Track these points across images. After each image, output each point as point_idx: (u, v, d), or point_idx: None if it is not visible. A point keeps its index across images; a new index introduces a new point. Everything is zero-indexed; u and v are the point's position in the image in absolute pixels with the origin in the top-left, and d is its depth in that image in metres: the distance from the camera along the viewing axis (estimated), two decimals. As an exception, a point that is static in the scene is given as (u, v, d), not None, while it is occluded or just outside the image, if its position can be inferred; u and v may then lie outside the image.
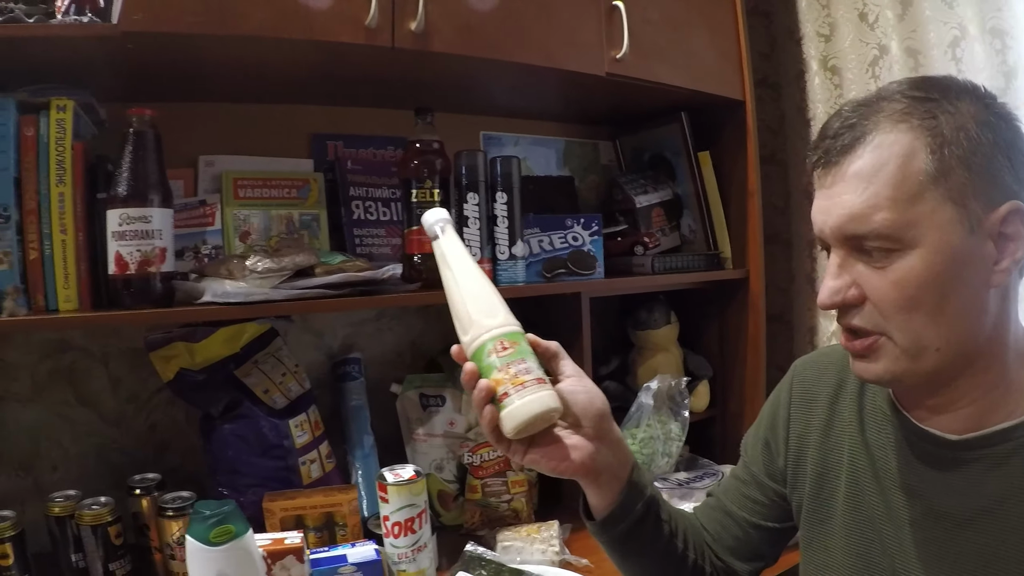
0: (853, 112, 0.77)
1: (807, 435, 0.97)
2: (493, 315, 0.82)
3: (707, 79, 1.68)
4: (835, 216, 0.75)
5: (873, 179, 0.72)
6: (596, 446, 0.85)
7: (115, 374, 1.47)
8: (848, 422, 0.93)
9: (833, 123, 0.78)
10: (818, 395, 0.98)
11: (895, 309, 0.74)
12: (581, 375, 0.87)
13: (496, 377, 0.79)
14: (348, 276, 1.30)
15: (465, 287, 0.85)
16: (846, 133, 0.75)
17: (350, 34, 1.24)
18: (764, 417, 1.06)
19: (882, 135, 0.73)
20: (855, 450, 0.90)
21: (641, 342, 1.81)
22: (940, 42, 1.61)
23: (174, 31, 1.14)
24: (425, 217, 0.90)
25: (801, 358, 1.05)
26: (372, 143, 1.66)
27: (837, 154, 0.75)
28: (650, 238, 1.76)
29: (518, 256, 1.48)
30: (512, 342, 0.81)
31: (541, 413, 0.78)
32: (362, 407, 1.57)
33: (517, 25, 1.40)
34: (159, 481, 1.35)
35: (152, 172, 1.22)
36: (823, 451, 0.94)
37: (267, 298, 1.23)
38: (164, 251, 1.22)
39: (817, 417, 0.96)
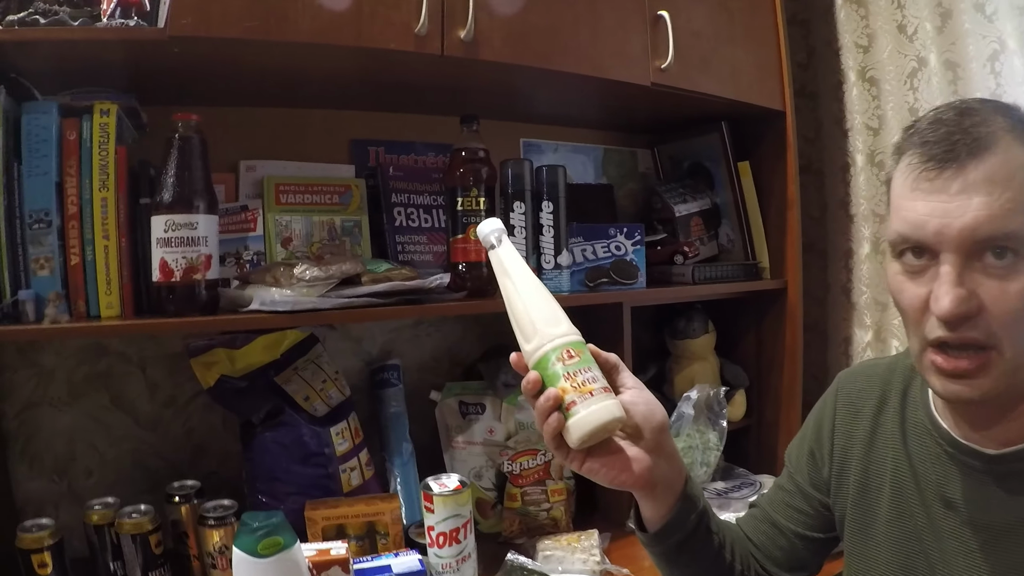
0: (960, 119, 0.73)
1: (851, 446, 0.96)
2: (557, 324, 0.80)
3: (748, 89, 1.63)
4: (969, 218, 0.69)
5: (1009, 184, 0.69)
6: (654, 458, 0.82)
7: (152, 379, 1.43)
8: (891, 434, 0.91)
9: (936, 128, 0.74)
10: (862, 407, 0.96)
11: (1013, 320, 0.70)
12: (641, 387, 0.84)
13: (563, 386, 0.76)
14: (396, 285, 1.25)
15: (527, 296, 0.82)
16: (965, 138, 0.71)
17: (400, 41, 1.20)
18: (809, 428, 1.03)
19: (1007, 147, 0.70)
20: (898, 462, 0.89)
21: (679, 351, 1.77)
22: (979, 55, 1.56)
23: (223, 36, 1.09)
24: (481, 228, 0.86)
25: (845, 371, 1.04)
26: (413, 149, 1.61)
27: (963, 157, 0.71)
28: (690, 247, 1.72)
29: (563, 265, 1.43)
30: (577, 351, 0.78)
31: (608, 422, 0.76)
32: (401, 414, 1.53)
33: (565, 34, 1.36)
34: (198, 489, 1.31)
35: (198, 178, 1.17)
36: (866, 462, 0.93)
37: (315, 307, 1.18)
38: (209, 258, 1.18)
39: (861, 429, 0.95)
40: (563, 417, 0.76)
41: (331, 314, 1.22)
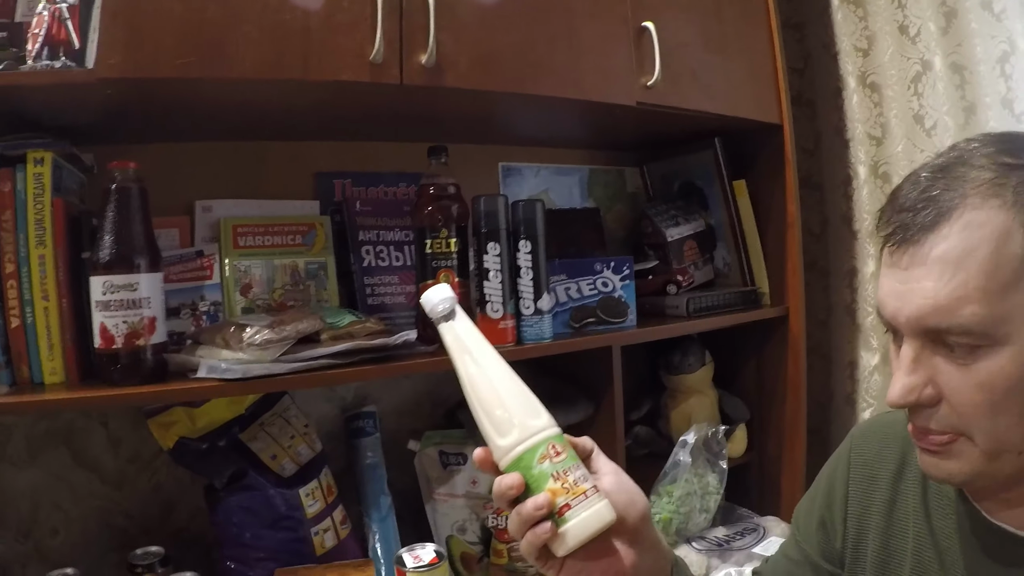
0: (933, 180, 0.64)
1: (867, 516, 0.83)
2: (538, 415, 0.69)
3: (742, 103, 1.47)
4: (914, 305, 0.62)
5: (961, 266, 0.60)
6: (637, 552, 0.71)
7: (115, 434, 1.30)
8: (913, 507, 0.79)
9: (909, 192, 0.65)
10: (879, 472, 0.83)
11: (977, 413, 0.62)
12: (618, 472, 0.72)
13: (553, 487, 0.65)
14: (357, 344, 1.11)
15: (499, 381, 0.70)
16: (927, 207, 0.62)
17: (353, 71, 1.06)
18: (819, 492, 0.89)
19: (971, 212, 0.60)
20: (920, 538, 0.77)
21: (674, 386, 1.61)
22: (988, 57, 1.41)
23: (157, 76, 0.96)
24: (427, 297, 0.73)
25: (858, 426, 0.91)
26: (383, 180, 1.46)
27: (917, 231, 0.62)
28: (683, 275, 1.56)
29: (544, 310, 1.27)
30: (563, 446, 0.67)
31: (604, 524, 0.65)
32: (377, 465, 1.39)
33: (539, 54, 1.20)
34: (163, 557, 1.18)
35: (137, 233, 1.04)
36: (886, 536, 0.80)
37: (268, 372, 1.04)
38: (153, 321, 1.04)
39: (878, 497, 0.82)
40: (555, 525, 0.65)
41: (287, 380, 1.07)
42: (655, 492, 1.38)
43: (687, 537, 1.40)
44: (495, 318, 1.22)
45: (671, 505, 1.37)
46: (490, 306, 1.22)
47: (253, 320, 1.09)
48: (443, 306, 0.72)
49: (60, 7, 1.00)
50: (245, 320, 1.10)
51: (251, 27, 0.99)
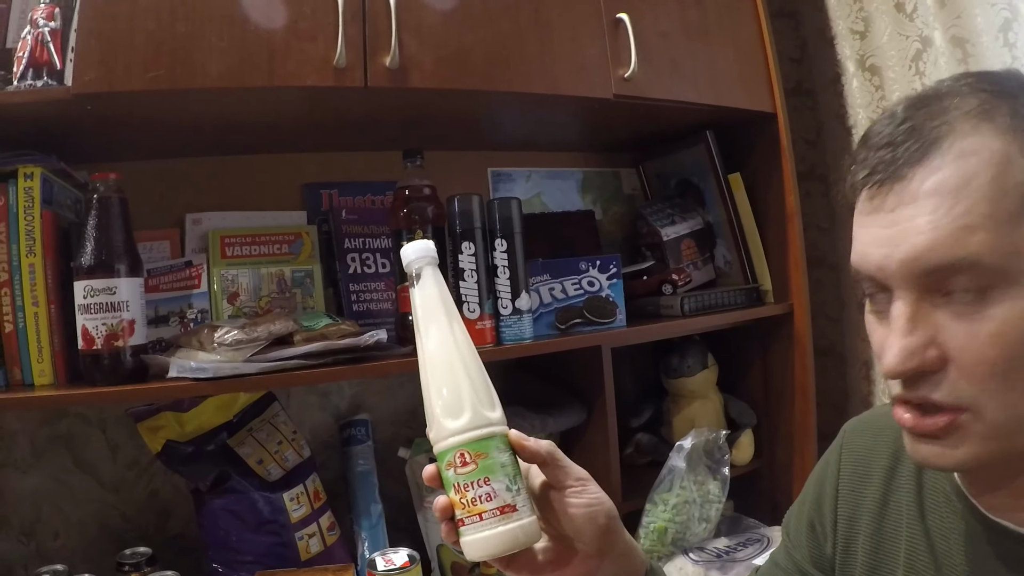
0: (912, 112, 0.56)
1: (858, 517, 0.74)
2: (457, 414, 0.62)
3: (732, 92, 1.41)
4: (908, 245, 0.53)
5: (962, 194, 0.51)
6: (595, 563, 0.67)
7: (113, 440, 1.34)
8: (906, 505, 0.70)
9: (883, 129, 0.57)
10: (871, 468, 0.74)
11: (990, 374, 0.51)
12: (583, 482, 0.66)
13: (452, 498, 0.62)
14: (327, 345, 1.10)
15: (431, 367, 0.64)
16: (910, 140, 0.54)
17: (317, 77, 1.07)
18: (809, 493, 0.82)
19: (963, 140, 0.52)
20: (914, 540, 0.68)
21: (675, 390, 1.54)
22: (989, 27, 1.31)
23: (128, 89, 0.99)
24: (404, 252, 0.67)
25: (852, 421, 0.82)
26: (369, 189, 1.46)
27: (902, 166, 0.54)
28: (679, 274, 1.49)
29: (523, 310, 1.23)
30: (477, 454, 0.61)
31: (502, 550, 0.61)
32: (369, 472, 1.36)
33: (508, 51, 1.19)
34: (149, 557, 1.19)
35: (118, 240, 1.07)
36: (877, 539, 0.72)
37: (237, 372, 1.04)
38: (132, 323, 1.07)
39: (870, 496, 0.73)
40: (455, 530, 0.63)
41: (259, 379, 1.07)
42: (650, 500, 1.31)
43: (684, 548, 1.31)
44: (472, 319, 1.20)
45: (666, 513, 1.29)
46: (467, 306, 1.20)
47: (228, 323, 1.09)
48: (416, 266, 0.66)
49: (43, 31, 1.06)
50: (220, 323, 1.11)
51: (217, 39, 1.02)
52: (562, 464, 0.66)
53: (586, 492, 0.66)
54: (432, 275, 0.67)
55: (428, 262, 0.67)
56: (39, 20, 1.05)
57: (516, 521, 0.60)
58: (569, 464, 0.67)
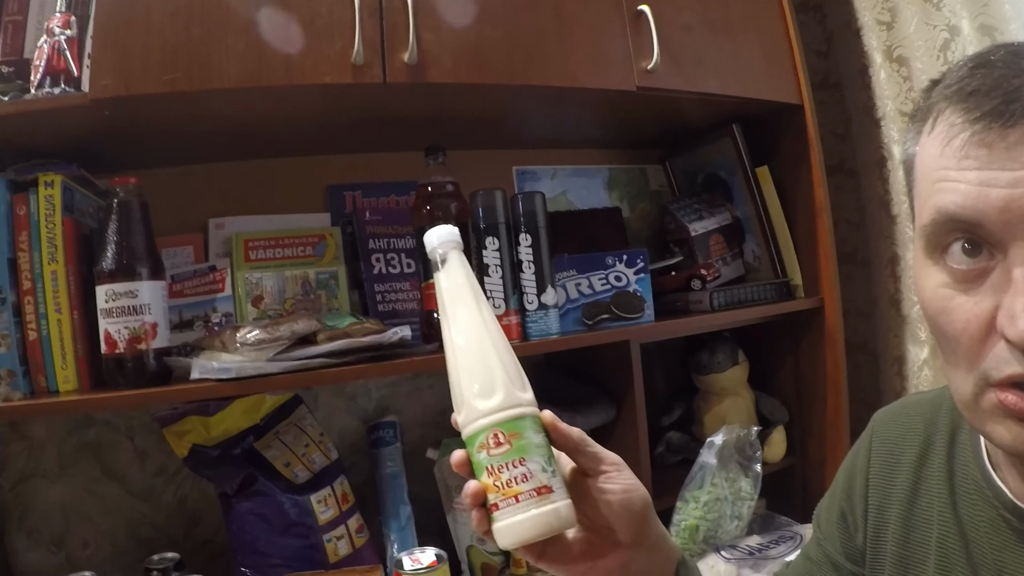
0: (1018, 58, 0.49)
1: (888, 507, 0.71)
2: (489, 394, 0.59)
3: (757, 84, 1.37)
4: None
5: None
6: (629, 555, 0.63)
7: (141, 447, 1.32)
8: (937, 493, 0.66)
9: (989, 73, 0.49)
10: (902, 457, 0.71)
11: None
12: (617, 467, 0.63)
13: (485, 481, 0.58)
14: (351, 343, 1.07)
15: (459, 350, 0.61)
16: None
17: (336, 74, 1.04)
18: (839, 484, 0.78)
19: None
20: (945, 528, 0.64)
21: (706, 387, 1.49)
22: (1018, 14, 1.26)
23: (145, 92, 0.98)
24: (427, 237, 0.65)
25: (882, 410, 0.77)
26: (393, 189, 1.43)
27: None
28: (708, 269, 1.44)
29: (549, 305, 1.20)
30: (511, 434, 0.58)
31: (539, 534, 0.57)
32: (398, 474, 1.33)
33: (528, 44, 1.16)
34: (177, 561, 1.17)
35: (138, 244, 1.05)
36: (907, 527, 0.68)
37: (260, 372, 1.01)
38: (155, 326, 1.05)
39: (900, 485, 0.70)
40: (487, 517, 0.58)
41: (280, 379, 1.04)
42: (681, 498, 1.27)
43: (716, 545, 1.26)
44: (497, 314, 1.15)
45: (698, 511, 1.24)
46: (492, 302, 1.16)
47: (251, 324, 1.07)
48: (439, 250, 0.64)
49: (59, 39, 1.05)
50: (242, 324, 1.08)
51: (234, 40, 1.01)
52: (594, 450, 0.63)
53: (621, 477, 0.62)
54: (458, 259, 0.64)
55: (453, 246, 0.64)
56: (55, 29, 1.04)
57: (553, 503, 0.57)
58: (601, 449, 0.63)
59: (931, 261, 0.52)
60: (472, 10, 1.12)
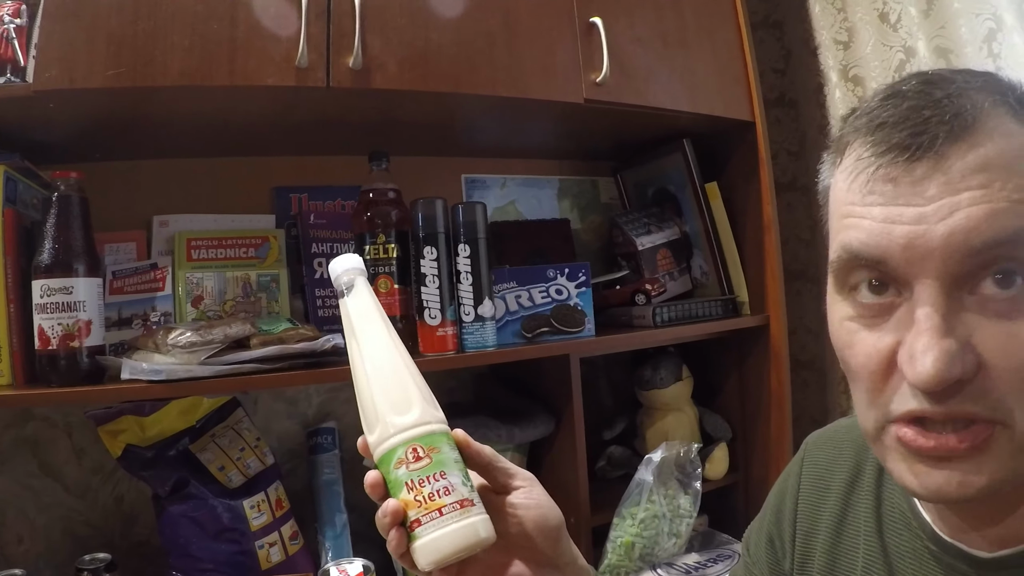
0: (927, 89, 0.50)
1: (816, 533, 0.72)
2: (405, 410, 0.60)
3: (709, 100, 1.39)
4: (954, 221, 0.46)
5: (1012, 170, 0.46)
6: (542, 572, 0.64)
7: (79, 444, 1.32)
8: (864, 521, 0.67)
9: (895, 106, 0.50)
10: (831, 483, 0.72)
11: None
12: (530, 483, 0.65)
13: (405, 498, 0.58)
14: (283, 349, 1.08)
15: (373, 368, 0.63)
16: (939, 113, 0.48)
17: (279, 76, 1.06)
18: (769, 507, 0.80)
19: (995, 119, 0.47)
20: (871, 557, 0.65)
21: (649, 402, 1.51)
22: (974, 37, 1.30)
23: (89, 86, 0.98)
24: (332, 266, 0.67)
25: (814, 434, 0.78)
26: (339, 194, 1.44)
27: (938, 141, 0.47)
28: (653, 284, 1.46)
29: (486, 317, 1.21)
30: (430, 448, 0.59)
31: (464, 548, 0.57)
32: (334, 481, 1.34)
33: (476, 53, 1.18)
34: (109, 562, 1.16)
35: (76, 240, 1.06)
36: (834, 554, 0.69)
37: (191, 375, 1.02)
38: (89, 324, 1.06)
39: (828, 512, 0.71)
40: (407, 538, 0.58)
41: (213, 383, 1.05)
42: (618, 514, 1.28)
43: (653, 563, 1.28)
44: (433, 325, 1.18)
45: (634, 528, 1.26)
46: (427, 312, 1.18)
47: (184, 325, 1.08)
48: (345, 277, 0.66)
49: (8, 27, 1.06)
50: (175, 325, 1.10)
51: (179, 37, 1.02)
52: (505, 465, 0.64)
53: (534, 493, 0.64)
54: (364, 285, 0.66)
55: (359, 273, 0.66)
56: (4, 17, 1.05)
57: (476, 516, 0.58)
58: (512, 466, 0.65)
59: (840, 296, 0.53)
60: (420, 16, 1.14)
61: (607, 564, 1.27)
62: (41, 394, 1.03)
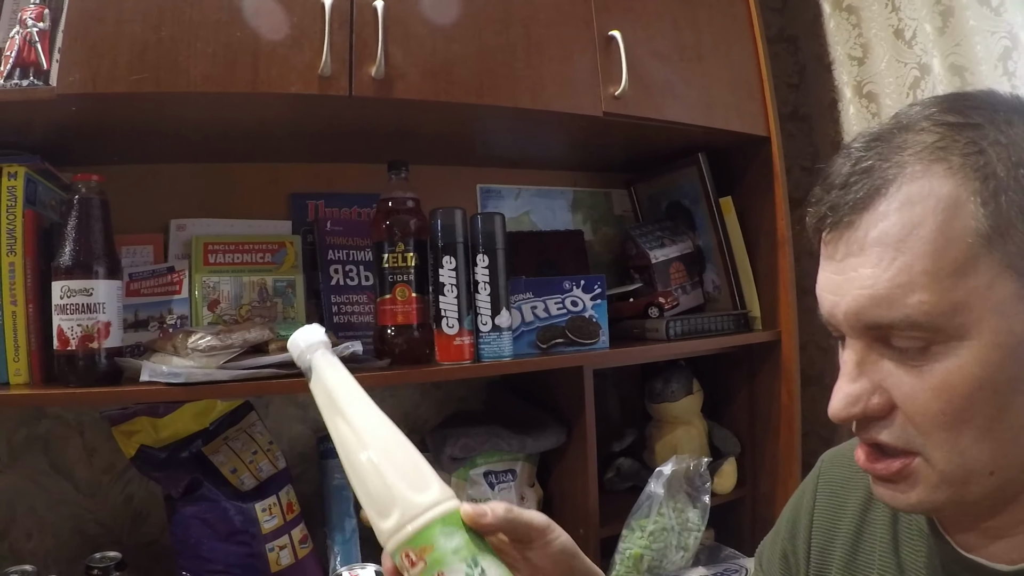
0: (867, 150, 0.55)
1: (831, 549, 0.74)
2: (386, 512, 0.56)
3: (725, 114, 1.43)
4: (850, 298, 0.53)
5: (903, 246, 0.51)
6: None
7: (90, 444, 1.35)
8: (880, 537, 0.70)
9: (841, 167, 0.56)
10: (847, 500, 0.75)
11: (935, 425, 0.52)
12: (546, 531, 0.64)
13: None
14: (300, 355, 1.10)
15: (376, 446, 0.59)
16: (860, 181, 0.54)
17: (302, 84, 1.08)
18: (783, 523, 0.82)
19: (911, 183, 0.52)
20: (887, 573, 0.68)
21: (659, 415, 1.54)
22: (989, 55, 1.33)
23: (111, 91, 1.01)
24: (293, 340, 0.65)
25: (830, 451, 0.82)
26: (356, 201, 1.48)
27: (849, 212, 0.54)
28: (666, 297, 1.49)
29: (503, 327, 1.24)
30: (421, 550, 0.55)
31: None
32: (344, 487, 1.36)
33: (497, 65, 1.21)
34: (119, 561, 1.19)
35: (97, 241, 1.09)
36: (850, 570, 0.72)
37: (210, 379, 1.05)
38: (108, 325, 1.08)
39: (844, 528, 0.74)
40: None
41: (231, 387, 1.07)
42: (627, 526, 1.31)
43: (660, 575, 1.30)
44: (450, 334, 1.21)
45: (643, 540, 1.29)
46: (445, 322, 1.21)
47: (203, 329, 1.11)
48: (310, 351, 0.63)
49: (31, 31, 1.09)
50: (194, 329, 1.12)
51: (204, 44, 1.04)
52: (522, 519, 0.63)
53: (553, 542, 0.64)
54: (326, 362, 0.64)
55: (318, 348, 0.64)
56: (28, 20, 1.08)
57: None
58: (528, 517, 0.64)
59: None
60: (442, 27, 1.17)
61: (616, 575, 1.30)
62: (60, 394, 1.05)
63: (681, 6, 1.41)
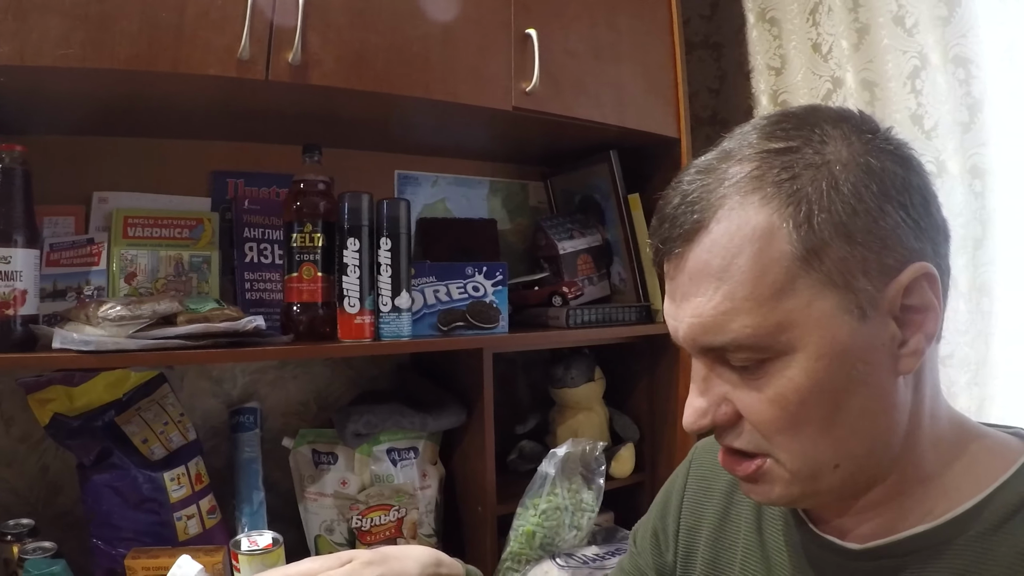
0: (693, 182, 0.63)
1: (699, 528, 0.86)
2: None
3: (637, 115, 1.58)
4: (685, 325, 0.62)
5: (725, 276, 0.59)
6: None
7: (7, 413, 1.45)
8: (745, 517, 0.81)
9: (671, 198, 0.64)
10: (715, 483, 0.86)
11: (776, 431, 0.61)
12: None
13: None
14: (207, 327, 1.24)
15: None
16: (685, 214, 0.61)
17: (220, 67, 1.20)
18: (656, 505, 0.95)
19: (729, 215, 0.59)
20: (749, 551, 0.79)
21: (561, 400, 1.71)
22: (899, 73, 1.49)
23: (38, 64, 1.11)
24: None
25: (703, 440, 0.92)
26: (275, 181, 1.61)
27: (678, 243, 0.62)
28: (571, 287, 1.65)
29: (402, 308, 1.39)
30: None
31: None
32: (254, 460, 1.51)
33: (412, 56, 1.34)
34: (31, 528, 1.31)
35: (17, 211, 1.19)
36: (715, 549, 0.83)
37: (119, 347, 1.17)
38: (24, 293, 1.19)
39: (712, 509, 0.85)
40: None
41: (140, 356, 1.20)
42: (521, 504, 1.47)
43: (553, 552, 1.46)
44: (351, 313, 1.35)
45: (535, 518, 1.45)
46: (347, 301, 1.35)
47: (114, 300, 1.22)
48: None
49: (-42, 5, 1.19)
50: (106, 299, 1.25)
51: (128, 22, 1.13)
52: None
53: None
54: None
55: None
56: (-46, -6, 1.18)
57: None
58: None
59: None
60: (360, 17, 1.29)
61: (509, 551, 1.45)
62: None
63: (603, 9, 1.56)
